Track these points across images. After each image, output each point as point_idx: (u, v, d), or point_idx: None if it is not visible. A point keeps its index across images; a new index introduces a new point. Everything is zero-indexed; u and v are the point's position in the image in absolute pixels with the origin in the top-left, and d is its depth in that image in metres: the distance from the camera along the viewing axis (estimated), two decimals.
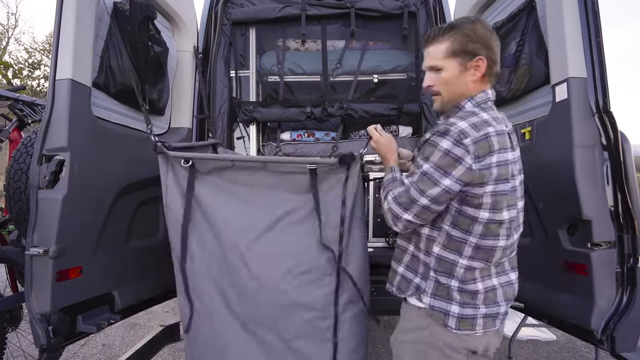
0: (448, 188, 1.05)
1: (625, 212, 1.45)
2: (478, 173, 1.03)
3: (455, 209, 1.11)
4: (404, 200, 1.11)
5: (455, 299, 1.13)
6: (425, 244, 1.18)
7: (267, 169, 1.47)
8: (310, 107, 2.51)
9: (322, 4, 2.53)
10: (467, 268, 1.12)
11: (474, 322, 1.12)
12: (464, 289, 1.13)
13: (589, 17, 1.52)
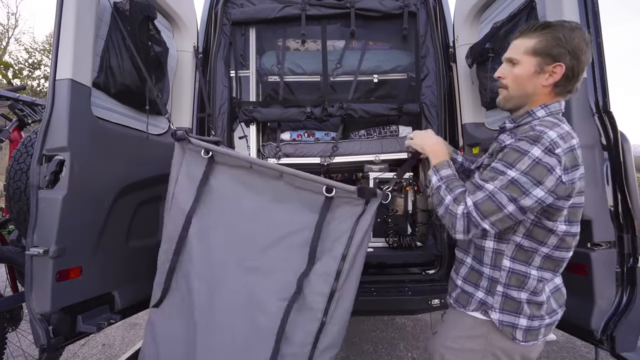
0: (540, 200, 0.99)
1: (625, 212, 1.45)
2: (567, 185, 0.99)
3: (532, 220, 1.07)
4: (488, 208, 1.01)
5: (525, 313, 1.10)
6: (492, 258, 1.14)
7: (282, 179, 1.39)
8: (310, 107, 2.52)
9: (322, 4, 2.53)
10: (539, 279, 1.09)
11: (538, 332, 1.12)
12: (532, 301, 1.10)
13: (589, 17, 1.52)
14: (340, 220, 1.32)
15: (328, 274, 1.28)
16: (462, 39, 2.37)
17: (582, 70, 1.09)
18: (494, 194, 1.01)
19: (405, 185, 2.56)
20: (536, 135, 1.00)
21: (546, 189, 0.98)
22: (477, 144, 2.28)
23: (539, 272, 1.10)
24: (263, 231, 1.40)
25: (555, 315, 1.16)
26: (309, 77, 2.63)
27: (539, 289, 1.10)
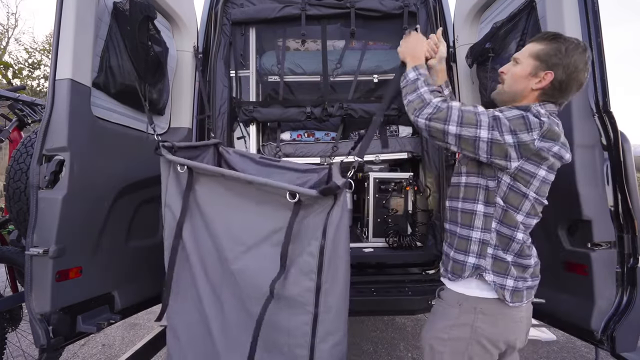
0: (507, 144, 1.10)
1: (625, 212, 1.45)
2: (536, 149, 1.10)
3: (508, 184, 1.16)
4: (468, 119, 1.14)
5: (512, 274, 1.19)
6: (483, 221, 1.21)
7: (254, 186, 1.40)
8: (310, 107, 2.52)
9: (322, 4, 2.53)
10: (522, 242, 1.18)
11: (521, 293, 1.20)
12: (517, 263, 1.19)
13: (589, 17, 1.52)
14: (313, 216, 1.33)
15: (310, 271, 1.31)
16: (462, 39, 2.37)
17: (571, 87, 1.18)
18: (480, 114, 1.14)
19: (406, 185, 2.56)
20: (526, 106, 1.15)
21: (517, 139, 1.09)
22: None
23: (522, 236, 1.18)
24: (248, 232, 1.43)
25: (537, 280, 1.25)
26: (309, 77, 2.63)
27: (524, 252, 1.19)
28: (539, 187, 1.15)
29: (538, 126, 1.09)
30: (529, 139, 1.09)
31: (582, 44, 1.18)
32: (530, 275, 1.21)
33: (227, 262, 1.42)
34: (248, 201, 1.43)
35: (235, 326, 1.45)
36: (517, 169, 1.13)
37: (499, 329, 1.19)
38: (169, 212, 1.53)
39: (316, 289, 1.31)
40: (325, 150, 2.58)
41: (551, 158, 1.12)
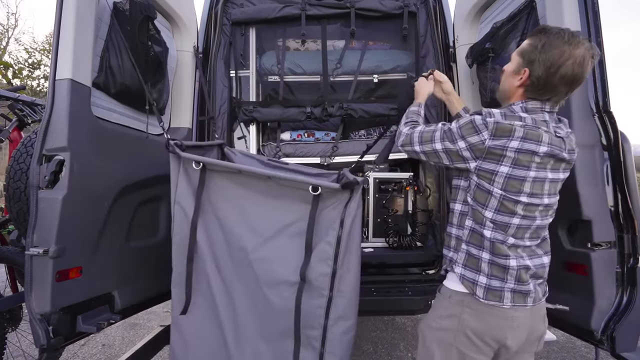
0: (460, 149, 1.19)
1: (625, 212, 1.45)
2: (489, 148, 1.14)
3: (475, 182, 1.20)
4: (425, 137, 1.30)
5: (483, 271, 1.20)
6: (458, 218, 1.29)
7: (271, 179, 1.49)
8: (310, 107, 2.52)
9: (322, 4, 2.53)
10: (492, 241, 1.18)
11: (502, 294, 1.18)
12: (494, 262, 1.19)
13: (589, 17, 1.52)
14: (331, 209, 1.44)
15: (327, 258, 1.41)
16: (462, 39, 2.37)
17: (552, 83, 1.15)
18: (435, 131, 1.27)
19: (406, 185, 2.56)
20: (481, 110, 1.20)
21: (468, 143, 1.17)
22: None
23: (491, 233, 1.18)
24: (264, 224, 1.51)
25: (526, 285, 1.19)
26: (309, 77, 2.63)
27: (500, 251, 1.18)
28: (505, 184, 1.15)
29: (484, 127, 1.14)
30: (478, 140, 1.15)
31: (566, 37, 1.13)
32: (514, 278, 1.17)
33: (246, 252, 1.49)
34: (262, 196, 1.52)
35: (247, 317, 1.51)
36: (478, 168, 1.18)
37: (485, 324, 1.19)
38: (179, 209, 1.56)
39: (332, 273, 1.42)
40: (325, 150, 2.58)
41: (511, 154, 1.12)
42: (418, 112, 1.49)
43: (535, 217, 1.19)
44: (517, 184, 1.14)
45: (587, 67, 1.14)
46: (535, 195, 1.16)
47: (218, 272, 1.55)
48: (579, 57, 1.12)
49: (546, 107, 1.19)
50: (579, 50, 1.12)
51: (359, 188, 1.42)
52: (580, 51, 1.12)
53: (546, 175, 1.16)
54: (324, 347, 1.45)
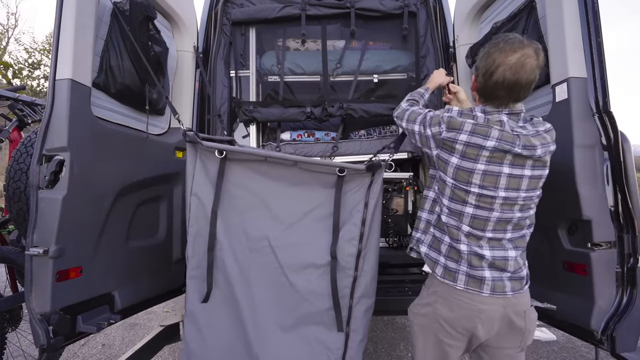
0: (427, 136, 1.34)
1: (625, 212, 1.45)
2: (443, 139, 1.28)
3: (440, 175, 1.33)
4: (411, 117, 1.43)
5: (442, 252, 1.33)
6: (430, 204, 1.43)
7: (296, 166, 1.55)
8: (310, 107, 2.52)
9: (322, 4, 2.53)
10: (449, 226, 1.31)
11: (456, 276, 1.29)
12: (452, 246, 1.31)
13: (589, 17, 1.52)
14: (353, 192, 1.53)
15: (353, 238, 1.51)
16: (462, 39, 2.37)
17: (491, 87, 1.24)
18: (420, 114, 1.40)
19: (405, 185, 2.56)
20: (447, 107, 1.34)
21: (432, 132, 1.32)
22: None
23: (446, 219, 1.31)
24: (287, 211, 1.56)
25: (479, 271, 1.26)
26: (309, 77, 2.63)
27: (454, 235, 1.29)
28: (455, 174, 1.26)
29: (443, 121, 1.28)
30: (437, 130, 1.29)
31: (501, 45, 1.21)
32: (466, 262, 1.27)
33: (267, 240, 1.54)
34: (283, 183, 1.56)
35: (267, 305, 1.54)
36: (437, 157, 1.32)
37: (455, 314, 1.27)
38: (195, 200, 1.56)
39: (357, 253, 1.51)
40: (325, 150, 2.58)
41: (460, 146, 1.24)
42: (422, 95, 1.62)
43: (493, 209, 1.24)
44: (466, 175, 1.24)
45: (522, 73, 1.18)
46: (487, 188, 1.23)
47: (236, 262, 1.56)
48: (510, 64, 1.19)
49: (504, 110, 1.26)
50: (512, 57, 1.19)
51: (382, 171, 1.51)
52: (513, 58, 1.18)
53: (501, 169, 1.22)
54: (349, 326, 1.52)
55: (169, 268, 2.17)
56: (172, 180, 2.18)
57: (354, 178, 1.52)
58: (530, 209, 1.29)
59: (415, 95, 1.61)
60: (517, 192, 1.23)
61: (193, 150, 1.56)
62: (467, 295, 1.26)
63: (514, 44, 1.20)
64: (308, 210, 1.55)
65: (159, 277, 2.08)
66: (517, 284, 1.28)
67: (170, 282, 2.18)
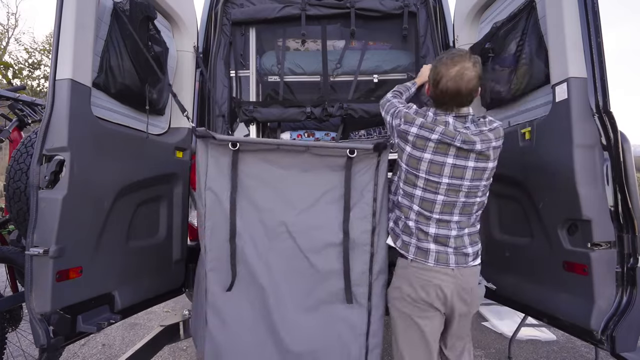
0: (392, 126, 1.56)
1: (625, 212, 1.45)
2: (399, 130, 1.50)
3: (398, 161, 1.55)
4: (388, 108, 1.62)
5: (399, 227, 1.56)
6: (395, 187, 1.62)
7: (307, 152, 1.62)
8: (310, 107, 2.51)
9: (322, 4, 2.53)
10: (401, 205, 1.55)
11: (408, 248, 1.52)
12: (404, 221, 1.54)
13: (589, 17, 1.52)
14: (362, 173, 1.61)
15: (366, 216, 1.60)
16: (462, 39, 2.37)
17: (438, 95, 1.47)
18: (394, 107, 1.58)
19: None
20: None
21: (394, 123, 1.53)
22: None
23: (400, 199, 1.55)
24: (300, 196, 1.63)
25: (424, 244, 1.49)
26: (309, 77, 2.63)
27: (405, 213, 1.53)
28: (408, 160, 1.48)
29: (401, 115, 1.50)
30: (397, 123, 1.51)
31: (444, 59, 1.44)
32: (415, 237, 1.50)
33: (285, 226, 1.61)
34: (296, 170, 1.63)
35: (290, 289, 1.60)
36: (397, 145, 1.53)
37: (415, 290, 1.48)
38: (211, 195, 1.60)
39: (372, 230, 1.60)
40: None
41: (411, 137, 1.46)
42: (408, 88, 1.80)
43: (438, 192, 1.45)
44: (415, 162, 1.46)
45: (462, 82, 1.40)
46: (433, 174, 1.45)
47: (255, 251, 1.60)
48: (451, 75, 1.40)
49: (450, 113, 1.48)
50: (453, 69, 1.40)
51: (387, 151, 1.60)
52: (454, 70, 1.40)
53: (445, 159, 1.43)
54: (370, 302, 1.61)
55: (169, 268, 2.17)
56: (172, 180, 2.18)
57: (362, 159, 1.60)
58: (477, 197, 1.49)
59: (401, 87, 1.77)
60: (461, 180, 1.44)
61: (204, 146, 1.60)
62: (418, 266, 1.49)
63: (454, 57, 1.42)
64: (321, 194, 1.63)
65: (159, 277, 2.08)
66: (461, 259, 1.48)
67: (170, 282, 2.18)
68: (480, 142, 1.41)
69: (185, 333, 2.26)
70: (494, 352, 3.00)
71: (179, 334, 2.27)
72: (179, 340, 2.30)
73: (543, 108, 1.75)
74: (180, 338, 2.28)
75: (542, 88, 1.75)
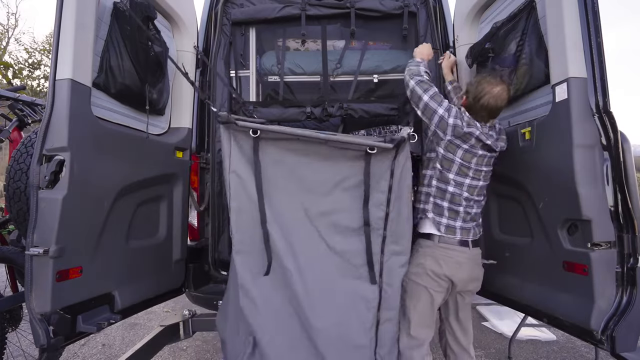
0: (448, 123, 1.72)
1: (625, 212, 1.45)
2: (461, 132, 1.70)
3: (442, 154, 1.75)
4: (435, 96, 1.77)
5: (444, 214, 1.78)
6: (428, 180, 1.83)
7: (326, 144, 1.69)
8: (310, 107, 2.51)
9: (322, 4, 2.53)
10: (452, 193, 1.75)
11: (455, 230, 1.77)
12: (450, 208, 1.77)
13: (589, 17, 1.52)
14: (380, 164, 1.71)
15: (381, 204, 1.72)
16: (462, 39, 2.37)
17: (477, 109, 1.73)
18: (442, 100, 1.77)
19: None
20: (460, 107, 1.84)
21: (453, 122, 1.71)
22: None
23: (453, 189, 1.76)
24: (319, 183, 1.74)
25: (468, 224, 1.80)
26: (309, 77, 2.62)
27: (455, 200, 1.76)
28: (463, 155, 1.73)
29: (463, 119, 1.71)
30: (459, 124, 1.70)
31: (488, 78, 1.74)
32: (461, 219, 1.77)
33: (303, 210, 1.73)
34: (313, 158, 1.73)
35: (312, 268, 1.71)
36: (449, 142, 1.72)
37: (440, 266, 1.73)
38: (235, 177, 1.71)
39: (385, 216, 1.72)
40: None
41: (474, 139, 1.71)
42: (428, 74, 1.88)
43: (480, 179, 1.77)
44: (470, 157, 1.73)
45: (500, 101, 1.71)
46: (479, 165, 1.75)
47: (281, 235, 1.71)
48: (494, 93, 1.69)
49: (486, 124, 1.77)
50: (496, 89, 1.69)
51: (405, 144, 1.69)
52: (496, 90, 1.69)
53: (484, 153, 1.75)
54: (382, 278, 1.74)
55: (169, 268, 2.17)
56: (172, 180, 2.18)
57: (380, 152, 1.68)
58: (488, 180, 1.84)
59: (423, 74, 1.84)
60: (488, 167, 1.80)
61: (227, 132, 1.68)
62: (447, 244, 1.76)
63: (496, 78, 1.73)
64: (338, 181, 1.73)
65: (159, 277, 2.08)
66: (478, 230, 1.84)
67: (171, 282, 2.18)
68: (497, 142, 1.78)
69: (185, 333, 2.26)
70: (494, 352, 3.00)
71: (179, 334, 2.26)
72: (179, 340, 2.30)
73: (543, 108, 1.75)
74: (180, 338, 2.28)
75: (542, 88, 1.75)
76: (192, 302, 2.45)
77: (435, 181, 1.78)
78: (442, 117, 1.70)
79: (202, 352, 3.03)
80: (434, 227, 1.78)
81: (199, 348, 3.10)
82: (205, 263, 2.42)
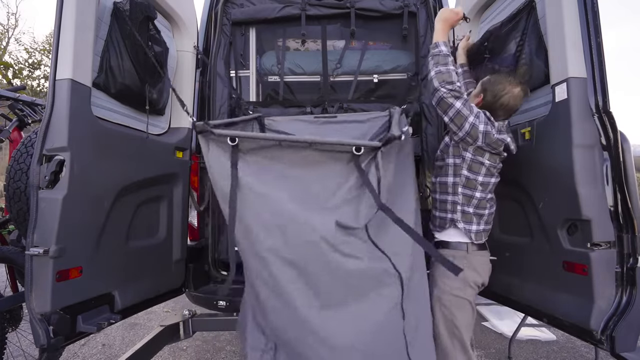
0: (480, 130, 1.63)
1: (625, 212, 1.45)
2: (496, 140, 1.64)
3: (470, 158, 1.68)
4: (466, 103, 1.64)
5: (473, 221, 1.71)
6: (453, 188, 1.73)
7: (311, 147, 1.56)
8: (310, 107, 2.51)
9: (322, 4, 2.53)
10: (479, 199, 1.70)
11: (482, 235, 1.73)
12: (477, 213, 1.71)
13: (589, 17, 1.52)
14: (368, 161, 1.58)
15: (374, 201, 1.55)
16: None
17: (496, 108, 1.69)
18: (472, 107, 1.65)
19: None
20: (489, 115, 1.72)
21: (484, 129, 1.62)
22: None
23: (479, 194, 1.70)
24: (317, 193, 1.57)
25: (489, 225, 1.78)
26: (309, 77, 2.63)
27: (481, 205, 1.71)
28: (491, 157, 1.67)
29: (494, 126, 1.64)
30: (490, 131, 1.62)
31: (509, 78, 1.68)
32: (484, 221, 1.73)
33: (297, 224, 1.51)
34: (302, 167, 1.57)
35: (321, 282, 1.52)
36: (479, 147, 1.65)
37: (477, 274, 1.69)
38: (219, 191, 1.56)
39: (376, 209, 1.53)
40: None
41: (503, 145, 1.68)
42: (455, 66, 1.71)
43: (498, 176, 1.74)
44: (496, 159, 1.70)
45: (518, 100, 1.68)
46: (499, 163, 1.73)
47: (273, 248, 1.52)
48: (514, 93, 1.66)
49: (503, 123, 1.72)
50: (516, 89, 1.66)
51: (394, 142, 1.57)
52: (516, 90, 1.66)
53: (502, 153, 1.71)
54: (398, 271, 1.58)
55: (169, 268, 2.17)
56: (172, 180, 2.18)
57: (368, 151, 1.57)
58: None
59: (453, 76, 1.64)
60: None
61: (205, 142, 1.54)
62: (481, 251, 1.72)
63: (517, 79, 1.69)
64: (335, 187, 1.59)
65: (159, 277, 2.08)
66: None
67: (171, 282, 2.18)
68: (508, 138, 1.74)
69: (185, 333, 2.26)
70: (494, 352, 3.00)
71: (179, 334, 2.26)
72: (179, 340, 2.30)
73: (543, 108, 1.75)
74: (180, 338, 2.28)
75: (542, 88, 1.75)
76: (192, 302, 2.45)
77: (462, 188, 1.70)
78: (473, 124, 1.61)
79: (202, 352, 3.03)
80: (465, 236, 1.71)
81: (199, 348, 3.10)
82: (205, 263, 2.42)
